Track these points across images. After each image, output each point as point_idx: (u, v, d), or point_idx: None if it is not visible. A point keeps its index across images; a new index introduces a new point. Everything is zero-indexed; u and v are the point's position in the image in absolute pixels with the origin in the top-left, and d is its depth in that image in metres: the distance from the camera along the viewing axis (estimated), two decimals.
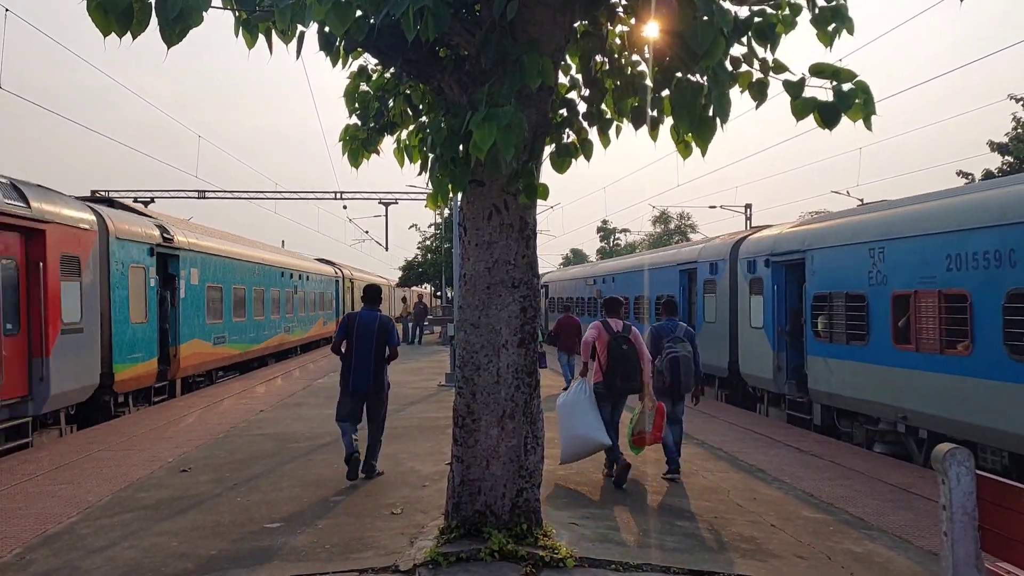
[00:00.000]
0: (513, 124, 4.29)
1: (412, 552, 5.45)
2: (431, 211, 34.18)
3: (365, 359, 7.94)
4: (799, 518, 6.92)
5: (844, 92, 4.38)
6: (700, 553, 5.78)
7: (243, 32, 4.48)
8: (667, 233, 69.51)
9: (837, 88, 4.39)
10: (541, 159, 5.56)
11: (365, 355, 7.94)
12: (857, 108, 4.38)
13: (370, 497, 7.24)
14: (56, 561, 5.61)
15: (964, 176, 29.37)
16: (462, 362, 5.66)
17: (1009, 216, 8.33)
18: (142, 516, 6.75)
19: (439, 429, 10.83)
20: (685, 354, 8.32)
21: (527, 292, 5.58)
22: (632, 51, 5.45)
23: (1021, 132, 27.41)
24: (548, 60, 4.75)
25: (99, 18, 3.80)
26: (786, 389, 13.43)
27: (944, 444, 4.34)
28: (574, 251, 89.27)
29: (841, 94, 4.38)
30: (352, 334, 8.02)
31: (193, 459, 9.19)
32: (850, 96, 4.36)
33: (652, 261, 21.00)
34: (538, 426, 5.67)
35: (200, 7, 3.83)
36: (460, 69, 5.32)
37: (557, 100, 5.75)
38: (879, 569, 5.66)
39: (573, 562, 5.25)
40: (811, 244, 12.47)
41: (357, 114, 6.29)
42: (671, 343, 8.37)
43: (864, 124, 4.42)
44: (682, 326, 8.71)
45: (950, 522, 4.18)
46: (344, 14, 4.01)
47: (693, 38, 4.21)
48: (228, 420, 12.31)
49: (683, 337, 8.46)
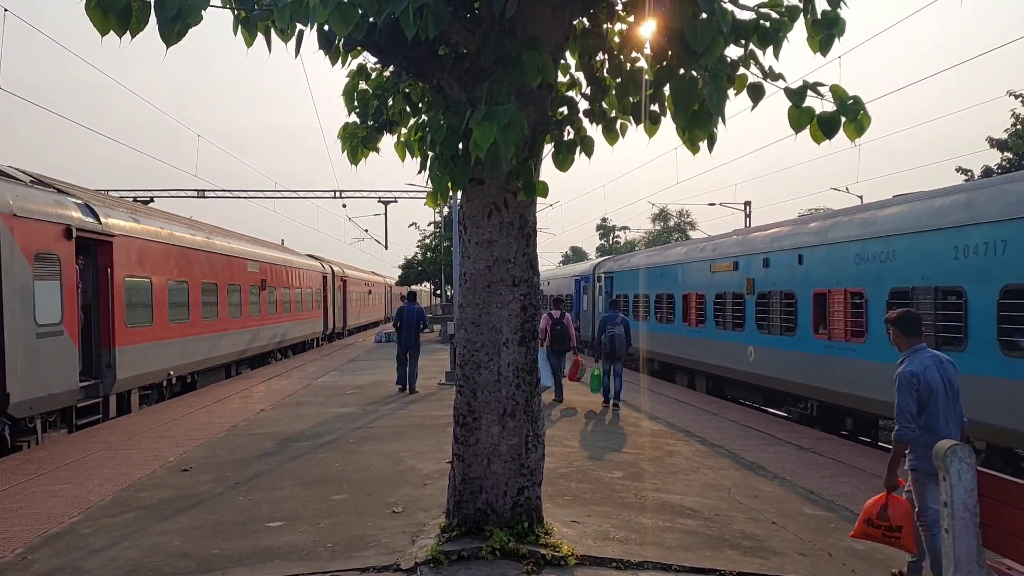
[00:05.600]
0: (513, 122, 4.28)
1: (414, 551, 5.45)
2: (431, 209, 34.25)
3: (408, 330, 15.17)
4: (800, 515, 6.92)
5: (848, 104, 4.40)
6: (701, 551, 5.78)
7: (242, 30, 4.48)
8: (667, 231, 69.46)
9: (840, 100, 4.41)
10: (540, 157, 5.55)
11: (409, 327, 15.17)
12: (853, 124, 4.44)
13: (371, 496, 7.24)
14: (58, 561, 5.61)
15: (963, 172, 29.34)
16: (462, 360, 5.66)
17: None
18: (143, 516, 6.75)
19: (440, 427, 10.83)
20: (619, 333, 13.47)
21: (527, 290, 5.58)
22: (632, 49, 5.45)
23: (1020, 128, 27.38)
24: (548, 58, 4.74)
25: (98, 18, 3.80)
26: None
27: (945, 441, 4.34)
28: (574, 249, 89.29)
29: (845, 105, 4.40)
30: (403, 316, 15.34)
31: (194, 458, 9.20)
32: (853, 108, 4.38)
33: (563, 273, 35.73)
34: (539, 424, 5.67)
35: (199, 6, 3.83)
36: (460, 67, 5.31)
37: (557, 98, 5.75)
38: (880, 566, 5.67)
39: (574, 560, 5.26)
40: (613, 269, 25.67)
41: (356, 112, 6.28)
42: (611, 327, 13.54)
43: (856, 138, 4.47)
44: (620, 316, 13.78)
45: (951, 518, 4.19)
46: (347, 15, 4.00)
47: (692, 36, 4.21)
48: (228, 420, 12.31)
49: (619, 323, 13.60)
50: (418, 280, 45.55)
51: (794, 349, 13.21)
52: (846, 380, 11.65)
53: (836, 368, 11.91)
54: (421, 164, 5.79)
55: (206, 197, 34.04)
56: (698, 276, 17.69)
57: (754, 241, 15.30)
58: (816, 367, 12.49)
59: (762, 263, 14.43)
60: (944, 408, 5.13)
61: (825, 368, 12.21)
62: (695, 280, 17.88)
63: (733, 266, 15.70)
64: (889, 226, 10.91)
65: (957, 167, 30.01)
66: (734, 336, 15.66)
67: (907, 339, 5.29)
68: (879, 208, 11.66)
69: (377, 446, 9.75)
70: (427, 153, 5.59)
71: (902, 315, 5.36)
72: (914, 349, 5.25)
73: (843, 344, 11.80)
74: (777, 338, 13.87)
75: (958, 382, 5.28)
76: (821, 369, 12.34)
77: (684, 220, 69.59)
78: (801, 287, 13.06)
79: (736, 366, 15.54)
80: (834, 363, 11.97)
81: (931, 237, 9.94)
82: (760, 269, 14.47)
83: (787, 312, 13.50)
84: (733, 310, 15.77)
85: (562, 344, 13.81)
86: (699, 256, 17.90)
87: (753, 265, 14.83)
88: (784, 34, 4.58)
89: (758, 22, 4.55)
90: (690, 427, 11.87)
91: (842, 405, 12.02)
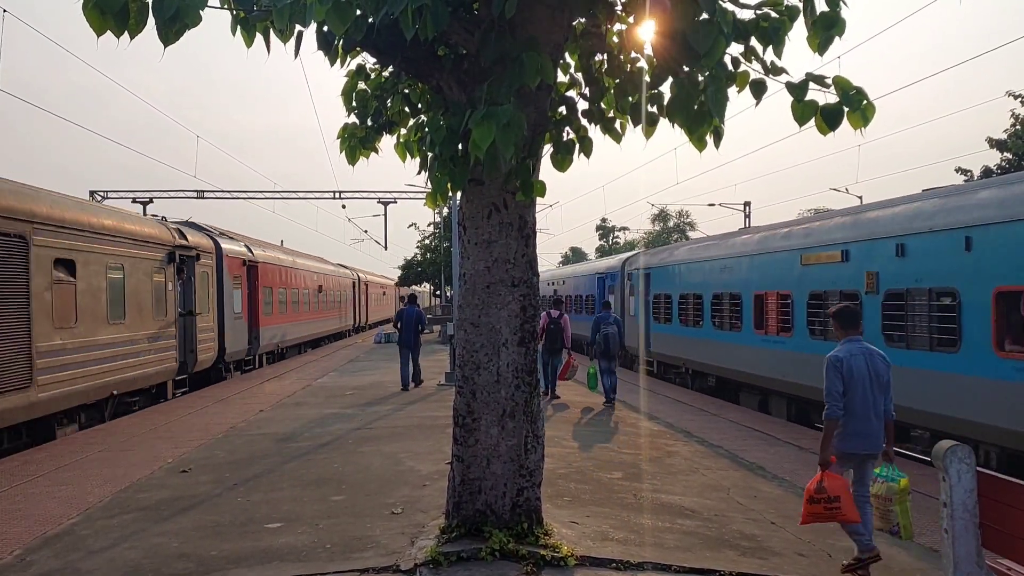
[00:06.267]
0: (512, 123, 4.27)
1: (413, 552, 5.45)
2: (430, 210, 35.22)
3: (408, 331, 15.94)
4: (799, 516, 6.91)
5: (850, 95, 4.38)
6: (700, 551, 5.78)
7: (240, 31, 4.47)
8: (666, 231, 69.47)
9: (843, 92, 4.39)
10: (540, 156, 5.55)
11: (408, 328, 15.96)
12: (857, 113, 4.40)
13: (370, 497, 7.23)
14: (57, 562, 5.60)
15: (963, 172, 29.36)
16: (462, 361, 5.65)
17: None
18: (142, 517, 6.74)
19: (439, 428, 10.82)
20: (612, 332, 14.11)
21: (527, 291, 5.57)
22: (631, 49, 5.44)
23: (1020, 128, 27.39)
24: (547, 58, 4.73)
25: (95, 18, 3.78)
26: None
27: (945, 441, 4.34)
28: (573, 249, 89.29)
29: (848, 96, 4.38)
30: (403, 318, 16.20)
31: (193, 459, 9.19)
32: (856, 99, 4.37)
33: (582, 271, 32.17)
34: (538, 425, 5.66)
35: (197, 6, 3.82)
36: (459, 68, 5.30)
37: (556, 98, 5.74)
38: (879, 566, 5.66)
39: (574, 561, 5.25)
40: (650, 265, 21.79)
41: (355, 113, 6.27)
42: (605, 326, 14.14)
43: (862, 128, 4.44)
44: (613, 316, 14.70)
45: (951, 519, 4.18)
46: (344, 14, 3.99)
47: (695, 37, 4.20)
48: (227, 421, 12.30)
49: (612, 323, 14.34)
50: (418, 281, 45.50)
51: (960, 372, 9.07)
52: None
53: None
54: (421, 165, 5.79)
55: (205, 198, 34.00)
56: (780, 270, 13.83)
57: (877, 222, 11.23)
58: (1004, 400, 8.35)
59: (895, 250, 10.50)
60: (863, 395, 5.44)
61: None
62: (776, 275, 13.95)
63: (842, 256, 11.84)
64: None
65: (957, 167, 30.04)
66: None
67: (844, 331, 5.72)
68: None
69: (376, 447, 9.74)
70: (427, 154, 5.58)
71: (840, 310, 5.85)
72: (848, 339, 5.66)
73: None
74: (924, 355, 9.73)
75: (888, 376, 5.58)
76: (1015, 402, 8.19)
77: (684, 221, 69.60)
78: (970, 282, 8.99)
79: None
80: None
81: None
82: (890, 259, 10.57)
83: (943, 318, 9.46)
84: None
85: (555, 342, 14.35)
86: (780, 246, 14.02)
87: (878, 253, 10.92)
88: (784, 33, 4.57)
89: (758, 22, 4.55)
90: (689, 427, 11.87)
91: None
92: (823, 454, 5.42)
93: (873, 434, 5.46)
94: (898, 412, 5.88)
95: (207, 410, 13.65)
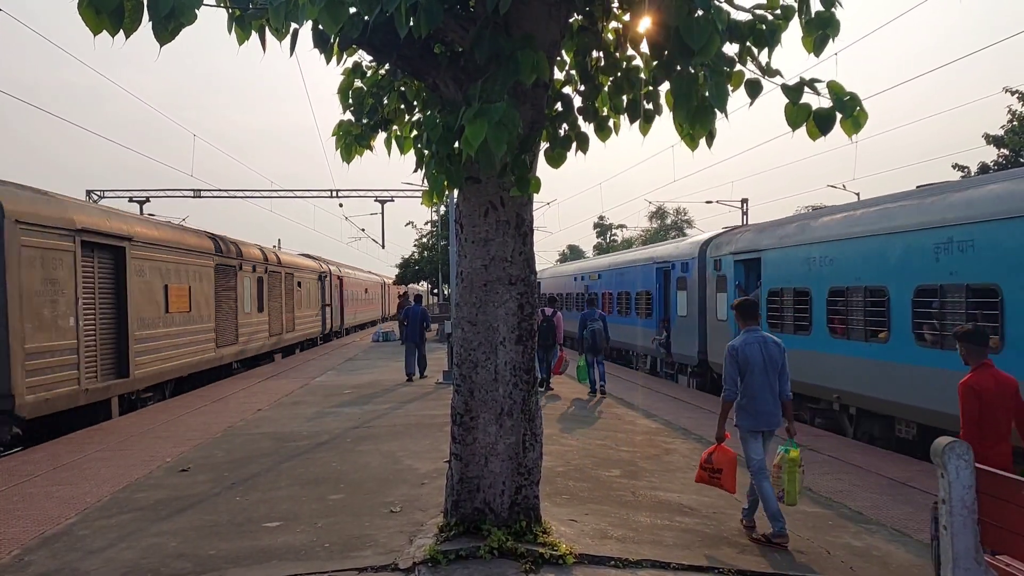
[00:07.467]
0: (505, 120, 4.24)
1: (411, 550, 5.44)
2: (427, 208, 36.39)
3: (413, 327, 17.88)
4: (798, 512, 6.92)
5: (844, 101, 4.39)
6: (699, 549, 5.78)
7: (235, 28, 4.45)
8: (663, 228, 69.51)
9: (836, 97, 4.40)
10: (536, 153, 5.53)
11: (414, 324, 17.89)
12: (850, 120, 4.42)
13: (369, 495, 7.22)
14: (55, 563, 5.59)
15: (960, 169, 29.36)
16: (459, 360, 5.64)
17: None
18: (140, 517, 6.74)
19: (437, 427, 10.82)
20: (599, 328, 15.15)
21: (524, 289, 5.56)
22: (627, 46, 5.43)
23: (1017, 125, 27.39)
24: (543, 55, 4.71)
25: (90, 17, 3.77)
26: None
27: (943, 438, 4.33)
28: (571, 247, 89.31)
29: (841, 102, 4.39)
30: (409, 315, 18.06)
31: (191, 459, 9.18)
32: (849, 105, 4.37)
33: (625, 260, 24.79)
34: (536, 423, 5.66)
35: (193, 4, 3.81)
36: (455, 65, 5.28)
37: (552, 95, 5.73)
38: (878, 563, 5.67)
39: (572, 559, 5.25)
40: (759, 246, 14.48)
41: (351, 110, 6.26)
42: (591, 323, 15.19)
43: (854, 134, 4.45)
44: (599, 312, 15.69)
45: (949, 516, 4.18)
46: (337, 13, 3.98)
47: (688, 34, 4.19)
48: (225, 420, 12.29)
49: (598, 319, 15.28)
50: (415, 279, 45.53)
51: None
52: None
53: None
54: (417, 163, 5.77)
55: (202, 197, 33.97)
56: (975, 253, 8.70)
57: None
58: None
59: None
60: (760, 379, 6.15)
61: None
62: (968, 260, 8.80)
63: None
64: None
65: (954, 164, 30.02)
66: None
67: (744, 322, 6.40)
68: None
69: (375, 445, 9.74)
70: (423, 151, 5.57)
71: (740, 303, 6.51)
72: (747, 330, 6.33)
73: None
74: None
75: (782, 360, 6.24)
76: None
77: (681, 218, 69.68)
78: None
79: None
80: None
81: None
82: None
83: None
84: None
85: (547, 339, 15.42)
86: (985, 212, 8.64)
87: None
88: (779, 36, 4.58)
89: (754, 24, 4.55)
90: (687, 425, 11.87)
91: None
92: (719, 430, 6.36)
93: (770, 412, 6.22)
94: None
95: (206, 409, 13.63)
